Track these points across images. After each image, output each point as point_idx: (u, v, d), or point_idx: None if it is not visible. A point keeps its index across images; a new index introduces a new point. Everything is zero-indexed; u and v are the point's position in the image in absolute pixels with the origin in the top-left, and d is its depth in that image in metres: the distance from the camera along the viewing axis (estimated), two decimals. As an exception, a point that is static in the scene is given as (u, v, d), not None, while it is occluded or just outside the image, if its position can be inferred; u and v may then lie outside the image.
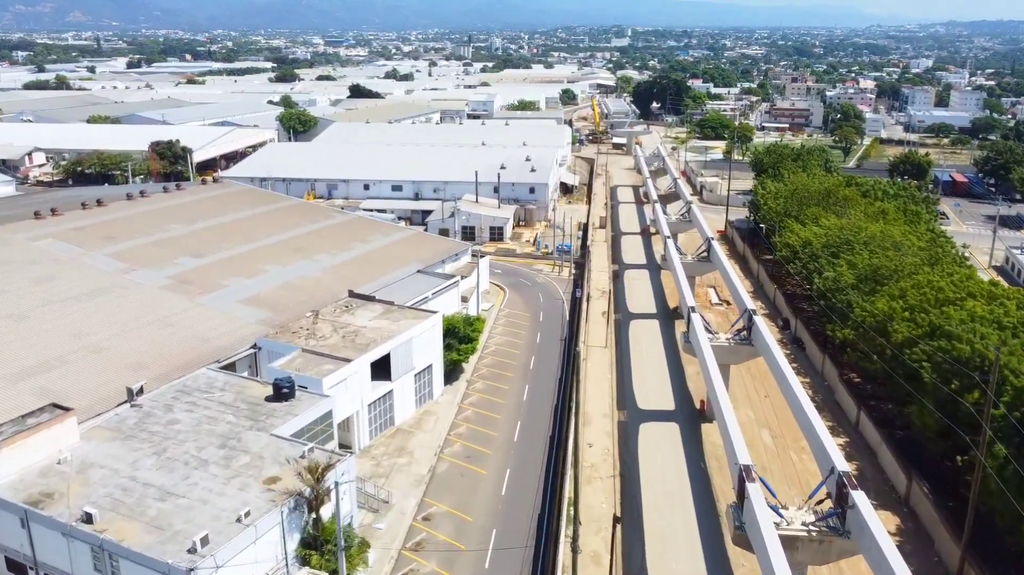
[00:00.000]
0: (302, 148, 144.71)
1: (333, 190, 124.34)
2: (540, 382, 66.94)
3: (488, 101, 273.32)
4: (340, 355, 53.95)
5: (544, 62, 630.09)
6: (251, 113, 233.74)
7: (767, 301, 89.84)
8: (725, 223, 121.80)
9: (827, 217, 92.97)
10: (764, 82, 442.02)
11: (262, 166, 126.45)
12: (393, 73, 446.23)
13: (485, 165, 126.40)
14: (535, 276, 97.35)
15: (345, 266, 73.76)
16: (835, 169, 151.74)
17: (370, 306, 63.46)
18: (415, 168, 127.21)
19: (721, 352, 57.65)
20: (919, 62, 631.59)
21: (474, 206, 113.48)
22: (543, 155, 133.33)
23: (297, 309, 63.42)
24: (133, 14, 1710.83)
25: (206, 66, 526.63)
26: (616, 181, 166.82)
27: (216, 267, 69.52)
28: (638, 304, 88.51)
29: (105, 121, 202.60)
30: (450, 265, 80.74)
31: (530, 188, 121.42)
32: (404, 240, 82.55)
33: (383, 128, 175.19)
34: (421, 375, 61.24)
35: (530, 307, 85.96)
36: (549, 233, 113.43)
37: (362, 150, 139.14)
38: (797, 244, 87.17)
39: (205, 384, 50.56)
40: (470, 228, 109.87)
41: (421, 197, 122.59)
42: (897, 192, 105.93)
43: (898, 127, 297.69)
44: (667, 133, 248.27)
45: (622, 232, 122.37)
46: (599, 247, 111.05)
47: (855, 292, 68.91)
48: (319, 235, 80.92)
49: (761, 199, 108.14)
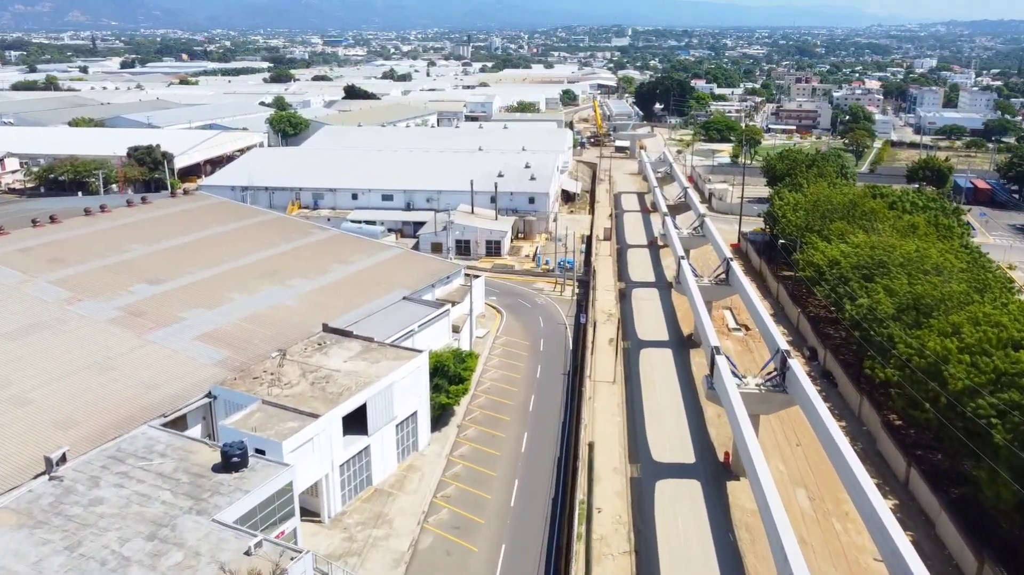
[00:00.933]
0: (288, 154, 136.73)
1: (319, 199, 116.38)
2: (541, 427, 59.01)
3: (487, 102, 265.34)
4: (306, 409, 45.99)
5: (544, 62, 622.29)
6: (241, 115, 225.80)
7: (789, 326, 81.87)
8: (738, 236, 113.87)
9: (854, 233, 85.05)
10: (768, 82, 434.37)
11: (244, 174, 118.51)
12: (391, 73, 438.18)
13: (482, 172, 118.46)
14: (535, 297, 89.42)
15: (322, 293, 65.80)
16: (852, 176, 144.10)
17: (346, 343, 55.50)
18: (407, 176, 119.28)
19: (751, 401, 49.74)
20: (923, 62, 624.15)
21: (469, 218, 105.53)
22: (543, 161, 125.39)
23: (262, 347, 55.47)
24: (132, 14, 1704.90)
25: (201, 66, 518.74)
26: (620, 187, 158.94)
27: (174, 296, 61.56)
28: (648, 330, 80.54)
29: (88, 124, 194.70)
30: (441, 289, 72.81)
31: (530, 198, 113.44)
32: (390, 261, 74.60)
33: (376, 131, 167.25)
34: (404, 424, 53.31)
35: (530, 334, 78.01)
36: (550, 247, 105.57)
37: (352, 156, 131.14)
38: (823, 263, 79.22)
39: (143, 447, 42.60)
40: (465, 242, 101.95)
41: (413, 207, 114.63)
42: (926, 204, 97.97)
43: (907, 129, 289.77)
44: (671, 135, 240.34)
45: (628, 245, 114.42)
46: (604, 262, 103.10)
47: (896, 324, 60.98)
48: (295, 256, 72.95)
49: (779, 211, 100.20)
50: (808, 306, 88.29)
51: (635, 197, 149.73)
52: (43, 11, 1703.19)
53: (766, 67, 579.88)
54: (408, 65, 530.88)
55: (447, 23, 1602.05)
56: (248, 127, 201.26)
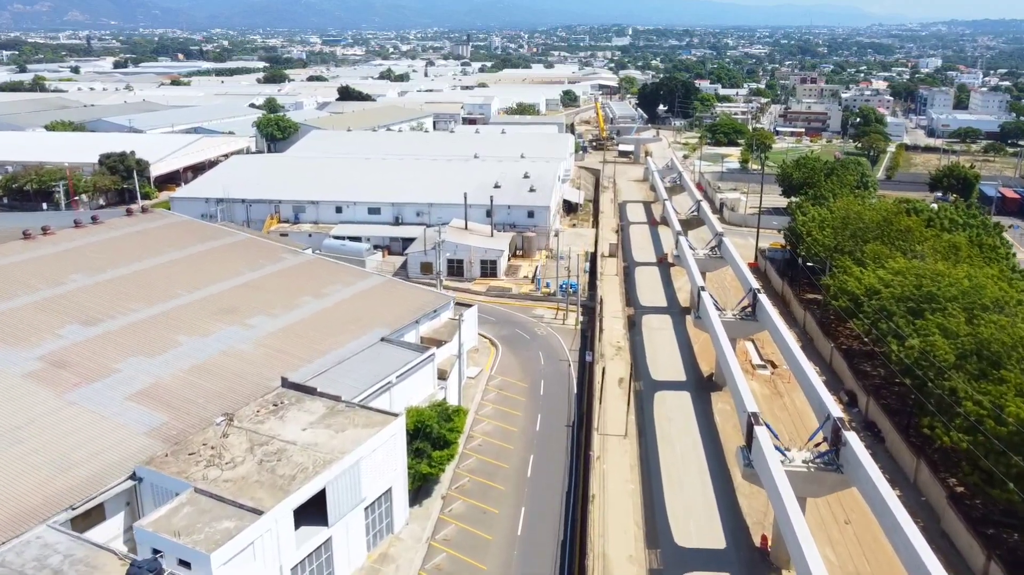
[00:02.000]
0: (269, 162, 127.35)
1: (300, 213, 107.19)
2: (541, 499, 49.91)
3: (485, 104, 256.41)
4: (248, 502, 36.85)
5: (544, 62, 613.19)
6: (229, 118, 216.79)
7: (821, 363, 72.65)
8: (755, 253, 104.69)
9: (893, 256, 75.94)
10: (772, 82, 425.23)
11: (220, 184, 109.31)
12: (388, 74, 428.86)
13: (477, 183, 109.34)
14: (534, 326, 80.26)
15: (287, 334, 56.64)
16: (873, 185, 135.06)
17: (308, 403, 46.36)
18: (396, 187, 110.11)
19: (799, 481, 40.65)
20: (928, 61, 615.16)
21: (463, 234, 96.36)
22: (543, 171, 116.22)
23: (208, 408, 46.34)
24: (131, 13, 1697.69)
25: (195, 66, 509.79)
26: (625, 195, 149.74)
27: (111, 340, 52.44)
28: (663, 367, 71.38)
29: (67, 127, 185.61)
30: (427, 325, 63.71)
31: (529, 212, 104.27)
32: (369, 292, 65.44)
33: (366, 137, 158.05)
34: (376, 505, 44.21)
35: (528, 373, 68.88)
36: (551, 266, 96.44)
37: (337, 164, 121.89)
38: (859, 292, 70.14)
39: (35, 559, 33.50)
40: (457, 262, 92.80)
41: (402, 221, 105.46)
42: (967, 220, 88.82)
43: (919, 131, 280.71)
44: (676, 138, 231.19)
45: (636, 262, 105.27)
46: (610, 283, 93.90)
47: (959, 375, 51.83)
48: (260, 287, 63.81)
49: (803, 228, 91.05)
50: (839, 336, 79.26)
51: (641, 207, 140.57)
52: (42, 11, 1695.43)
53: (769, 67, 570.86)
54: (406, 65, 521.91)
55: (447, 23, 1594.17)
56: (235, 130, 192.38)
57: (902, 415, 61.99)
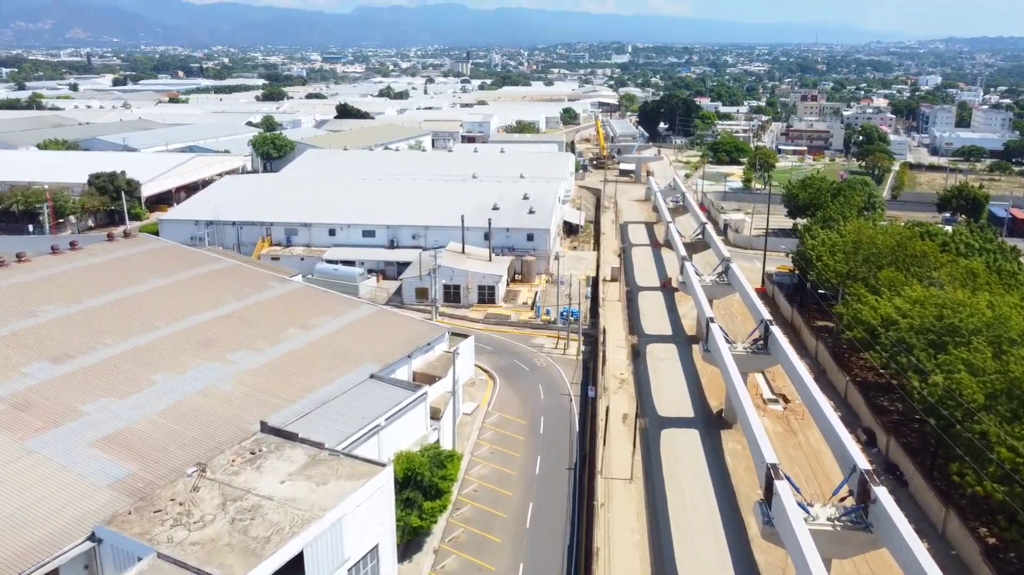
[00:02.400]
0: (261, 183, 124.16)
1: (292, 236, 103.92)
2: (541, 553, 46.22)
3: (484, 122, 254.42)
4: (215, 569, 33.18)
5: (544, 79, 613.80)
6: (226, 136, 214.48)
7: (835, 396, 69.03)
8: (762, 278, 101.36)
9: (910, 284, 72.60)
10: (772, 100, 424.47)
11: (210, 206, 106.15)
12: (387, 91, 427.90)
13: (475, 205, 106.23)
14: (534, 356, 76.75)
15: (270, 370, 53.12)
16: (880, 206, 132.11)
17: (288, 451, 42.75)
18: (392, 209, 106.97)
19: (824, 541, 37.03)
20: (927, 79, 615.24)
21: (460, 259, 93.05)
22: (543, 192, 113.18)
23: (180, 456, 42.75)
24: (133, 30, 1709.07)
25: (194, 83, 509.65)
26: (626, 216, 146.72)
27: (80, 379, 48.92)
28: (669, 401, 67.81)
29: (60, 146, 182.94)
30: (420, 359, 60.17)
31: (528, 235, 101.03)
32: (360, 324, 61.97)
33: (362, 156, 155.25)
34: (360, 565, 40.46)
35: (527, 408, 65.32)
36: (551, 290, 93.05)
37: (332, 185, 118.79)
38: (875, 322, 66.79)
39: (-27, 640, 29.82)
40: (454, 287, 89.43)
41: (398, 245, 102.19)
42: (983, 245, 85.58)
43: (922, 150, 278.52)
44: (677, 157, 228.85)
45: (639, 287, 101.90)
46: (613, 310, 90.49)
47: (990, 417, 48.33)
48: (245, 318, 60.34)
49: (813, 252, 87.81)
50: (853, 367, 75.80)
51: (643, 228, 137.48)
52: (45, 28, 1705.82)
53: (769, 84, 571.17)
54: (406, 82, 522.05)
55: (447, 40, 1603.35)
56: (231, 149, 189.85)
57: (925, 455, 58.47)
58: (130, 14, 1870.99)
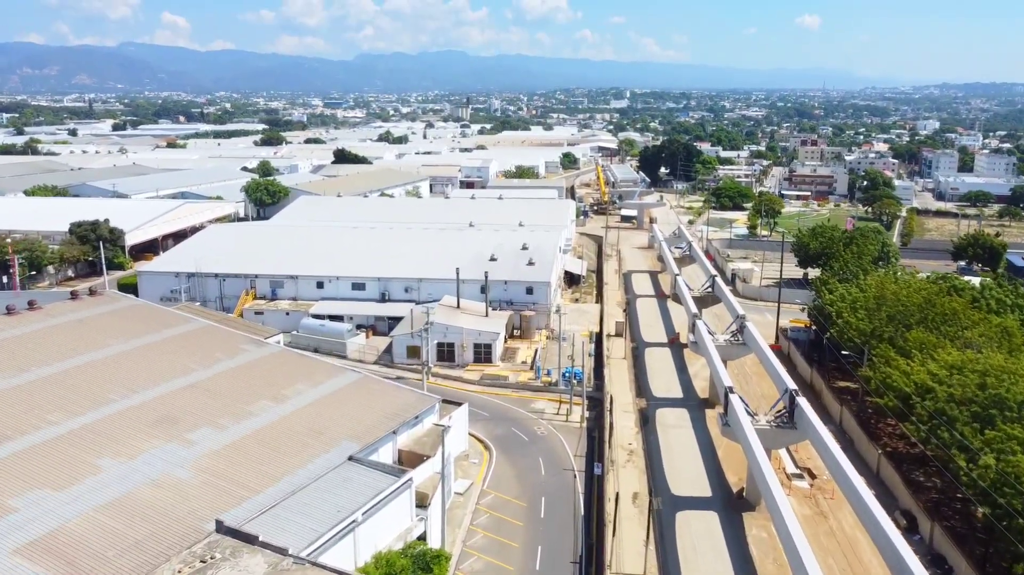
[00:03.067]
0: (247, 232, 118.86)
1: (278, 288, 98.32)
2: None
3: (483, 167, 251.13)
4: None
5: (543, 123, 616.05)
6: (220, 182, 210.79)
7: (867, 471, 62.51)
8: (776, 333, 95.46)
9: (942, 346, 66.72)
10: (772, 144, 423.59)
11: (192, 258, 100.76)
12: (386, 136, 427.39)
13: (471, 255, 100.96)
14: (534, 424, 70.45)
15: (235, 453, 46.94)
16: (895, 255, 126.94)
17: (245, 558, 36.37)
18: (383, 260, 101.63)
19: None
20: (925, 123, 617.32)
21: (454, 314, 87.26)
22: (543, 242, 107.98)
23: (117, 566, 36.37)
24: (138, 76, 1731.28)
25: (194, 128, 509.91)
26: (630, 265, 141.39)
27: (12, 465, 42.73)
28: (684, 478, 61.31)
29: (49, 192, 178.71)
30: (407, 434, 54.03)
31: (527, 288, 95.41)
32: (341, 394, 55.92)
33: (356, 203, 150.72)
34: None
35: (526, 487, 58.84)
36: (552, 348, 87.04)
37: (322, 235, 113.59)
38: (908, 389, 60.76)
39: None
40: (448, 345, 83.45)
41: (389, 298, 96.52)
42: (1016, 301, 79.88)
43: (926, 195, 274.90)
44: (679, 202, 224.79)
45: (646, 343, 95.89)
46: (618, 369, 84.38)
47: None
48: (211, 388, 54.31)
49: (832, 308, 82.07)
50: (881, 434, 69.51)
51: (647, 277, 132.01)
52: (50, 74, 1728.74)
53: (768, 129, 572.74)
54: (406, 127, 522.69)
55: (447, 85, 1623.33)
56: (224, 195, 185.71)
57: (974, 543, 51.90)
58: (135, 60, 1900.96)
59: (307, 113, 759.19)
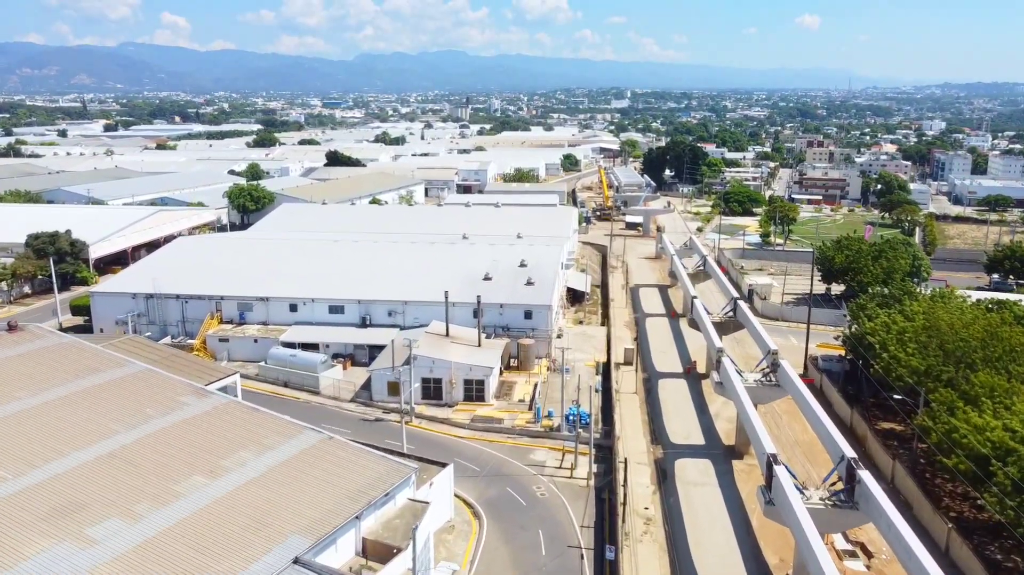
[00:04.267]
0: (217, 246, 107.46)
1: (247, 311, 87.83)
2: None
3: (480, 170, 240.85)
4: None
5: (544, 124, 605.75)
6: (204, 186, 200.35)
7: (934, 548, 51.82)
8: (805, 363, 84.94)
9: (1019, 392, 56.24)
10: (779, 145, 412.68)
11: (149, 277, 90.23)
12: (383, 137, 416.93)
13: (464, 274, 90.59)
14: (532, 482, 59.92)
15: (148, 553, 36.47)
16: (927, 270, 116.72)
17: None
18: (365, 279, 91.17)
19: None
20: (931, 124, 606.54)
21: (441, 344, 76.75)
22: (543, 257, 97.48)
23: None
24: (138, 77, 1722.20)
25: (187, 129, 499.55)
26: (637, 277, 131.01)
27: None
28: (714, 557, 50.77)
29: (20, 198, 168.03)
30: (373, 517, 43.57)
31: (525, 311, 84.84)
32: (293, 464, 45.43)
33: (342, 211, 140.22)
34: None
35: (523, 573, 48.31)
36: (554, 382, 76.55)
37: (299, 248, 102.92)
38: (984, 449, 50.36)
39: None
40: (434, 382, 72.96)
41: (371, 323, 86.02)
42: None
43: (941, 198, 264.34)
44: (686, 207, 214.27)
45: (659, 373, 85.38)
46: (629, 407, 73.91)
47: None
48: (132, 459, 43.85)
49: (874, 339, 71.58)
50: (940, 491, 59.08)
51: (656, 293, 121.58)
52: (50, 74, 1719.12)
53: (771, 130, 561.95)
54: (404, 128, 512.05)
55: (448, 86, 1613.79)
56: (207, 200, 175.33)
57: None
58: (135, 61, 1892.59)
59: (305, 113, 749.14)
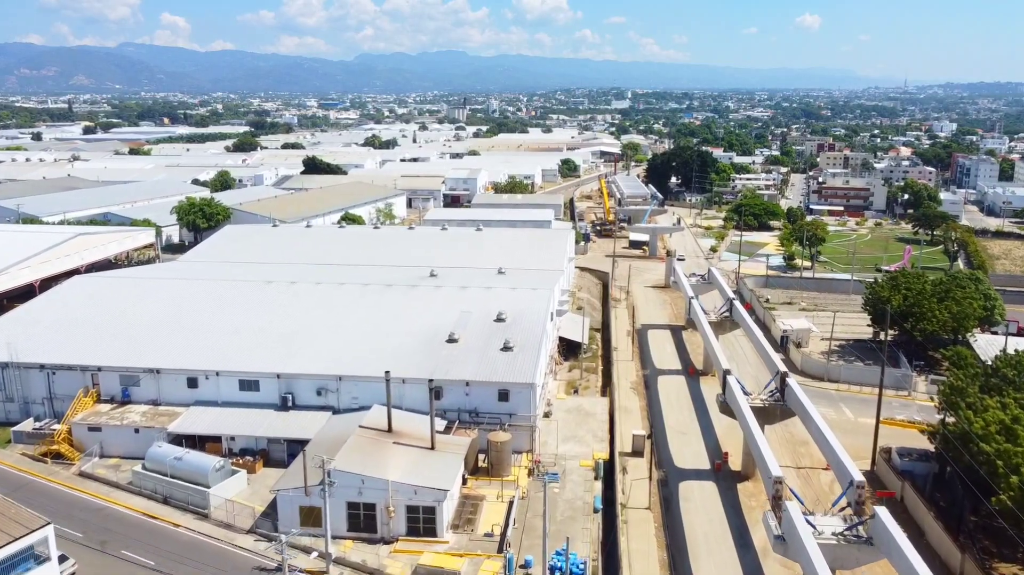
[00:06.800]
0: (111, 291, 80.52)
1: (133, 386, 66.20)
2: None
3: (470, 178, 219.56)
4: None
5: (542, 125, 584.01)
6: (162, 198, 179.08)
7: None
8: (873, 454, 63.32)
9: None
10: (788, 149, 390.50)
11: (5, 340, 68.56)
12: (373, 140, 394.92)
13: (422, 333, 69.13)
14: None
15: None
16: (1000, 312, 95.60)
17: None
18: (292, 340, 69.47)
19: None
20: (941, 125, 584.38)
21: (378, 449, 55.07)
22: (528, 306, 75.72)
23: None
24: (136, 77, 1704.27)
25: (169, 132, 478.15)
26: (644, 314, 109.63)
27: None
28: None
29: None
30: None
31: (500, 391, 63.05)
32: None
33: (295, 235, 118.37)
34: None
35: None
36: (537, 496, 55.02)
37: (213, 297, 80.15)
38: None
39: None
40: (366, 507, 51.41)
41: (294, 404, 64.36)
42: None
43: (972, 208, 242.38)
44: (696, 220, 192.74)
45: (680, 471, 63.75)
46: (641, 535, 52.44)
47: None
48: None
49: (990, 448, 50.08)
50: None
51: (669, 337, 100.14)
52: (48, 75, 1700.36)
53: (777, 131, 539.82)
54: (398, 130, 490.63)
55: (447, 86, 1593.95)
56: (158, 216, 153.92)
57: None
58: (134, 61, 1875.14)
59: (298, 115, 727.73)
